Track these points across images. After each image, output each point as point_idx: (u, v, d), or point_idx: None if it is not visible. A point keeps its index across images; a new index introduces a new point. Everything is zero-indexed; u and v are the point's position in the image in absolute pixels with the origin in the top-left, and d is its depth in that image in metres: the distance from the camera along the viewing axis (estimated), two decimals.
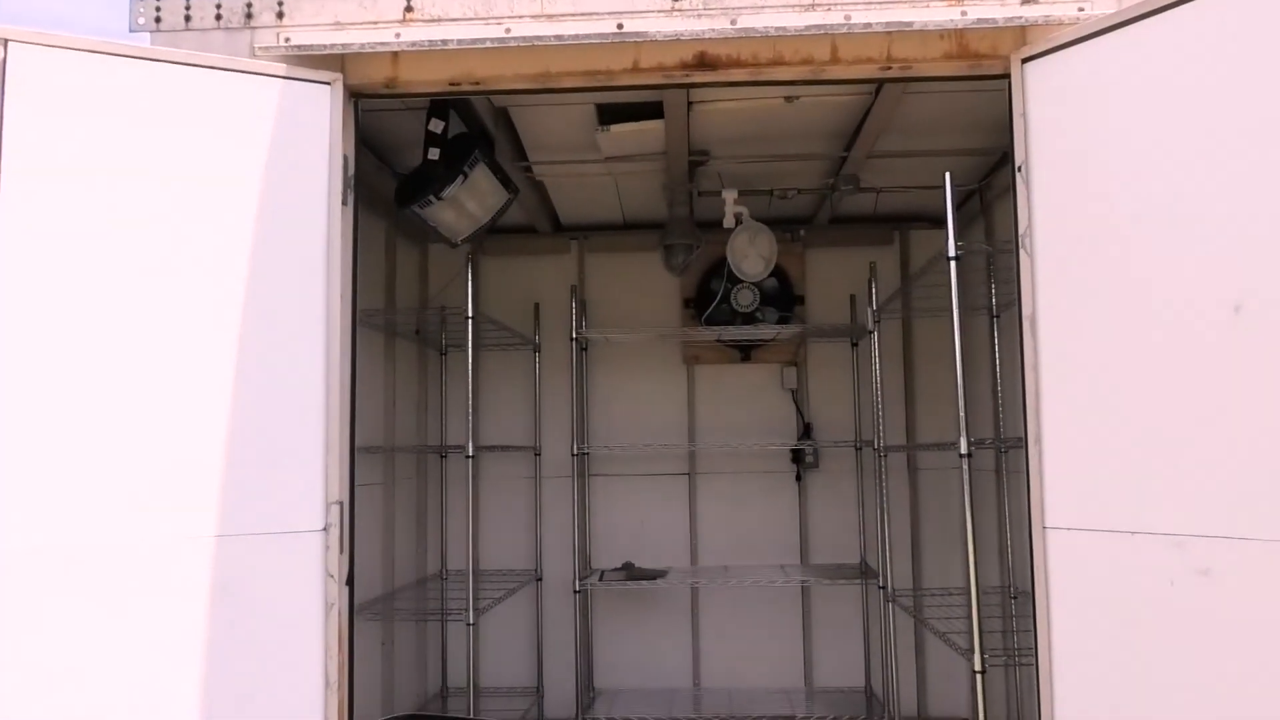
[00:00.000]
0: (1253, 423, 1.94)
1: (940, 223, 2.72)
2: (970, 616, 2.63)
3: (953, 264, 2.68)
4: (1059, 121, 2.25)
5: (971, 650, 2.62)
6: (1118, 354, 2.13)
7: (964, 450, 2.66)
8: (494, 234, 4.56)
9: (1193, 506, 2.03)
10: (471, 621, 3.37)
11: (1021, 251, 2.30)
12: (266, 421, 2.26)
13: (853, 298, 4.44)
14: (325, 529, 2.34)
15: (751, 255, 3.92)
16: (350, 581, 2.41)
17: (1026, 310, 2.29)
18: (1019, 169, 2.32)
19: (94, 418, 2.05)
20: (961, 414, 2.68)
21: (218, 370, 2.20)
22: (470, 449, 3.44)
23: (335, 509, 2.36)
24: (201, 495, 2.17)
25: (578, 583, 3.99)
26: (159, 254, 2.15)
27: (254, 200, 2.27)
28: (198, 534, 2.15)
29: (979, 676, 2.61)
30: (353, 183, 2.45)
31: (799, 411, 4.52)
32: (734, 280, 4.34)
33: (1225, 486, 1.99)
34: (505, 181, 3.23)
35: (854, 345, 4.45)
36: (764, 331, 4.21)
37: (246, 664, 2.20)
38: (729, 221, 3.90)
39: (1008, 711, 3.82)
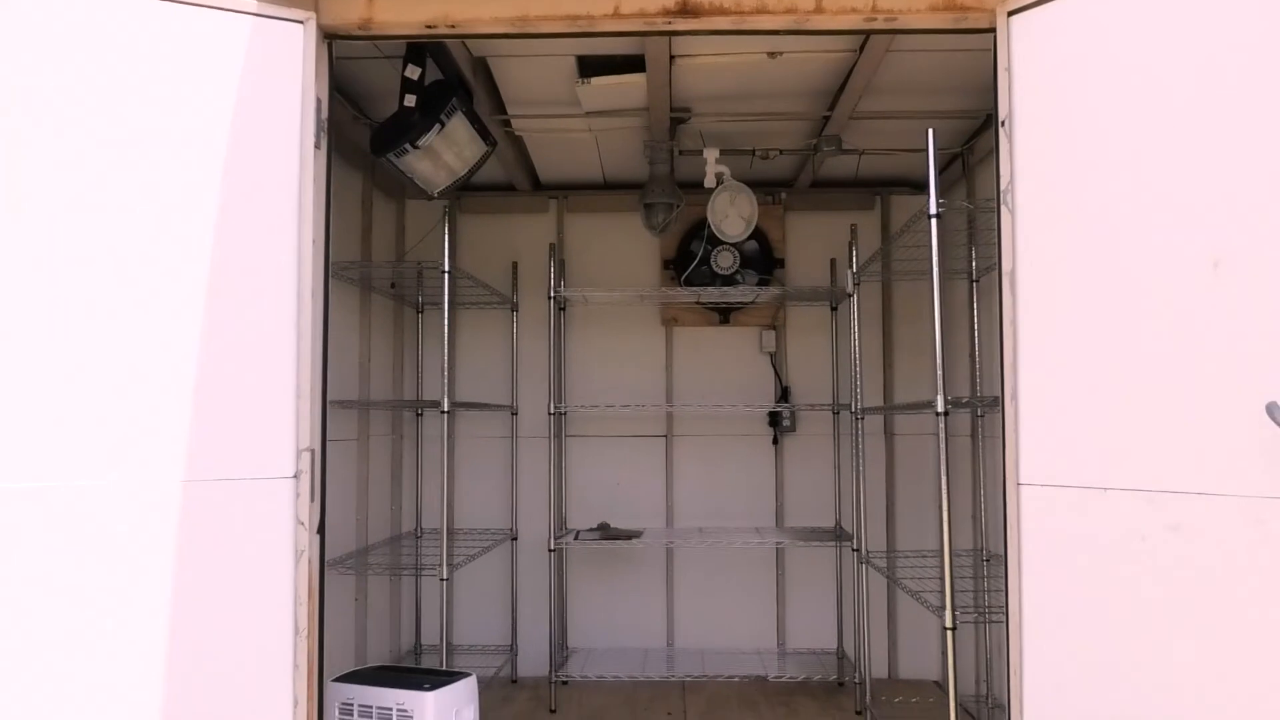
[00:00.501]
0: (1227, 378, 1.94)
1: (922, 187, 2.71)
2: (943, 575, 2.64)
3: (933, 221, 2.67)
4: (1043, 75, 2.23)
5: (943, 608, 2.64)
6: (1096, 309, 2.12)
7: (940, 408, 2.65)
8: (472, 191, 4.53)
9: (1166, 462, 2.04)
10: (445, 576, 3.35)
11: (1003, 207, 2.29)
12: (235, 367, 2.23)
13: (833, 262, 4.43)
14: (296, 476, 2.31)
15: (732, 216, 3.89)
16: (321, 530, 2.39)
17: (1006, 266, 2.28)
18: (1001, 124, 2.30)
19: (54, 361, 2.01)
20: (939, 371, 2.67)
21: (184, 315, 2.16)
22: (446, 404, 3.42)
23: (306, 456, 2.33)
24: (168, 440, 2.13)
25: (553, 541, 3.99)
26: (121, 197, 2.10)
27: (222, 142, 2.22)
28: (164, 479, 2.12)
29: (949, 633, 2.62)
30: (326, 126, 2.40)
31: (777, 375, 4.52)
32: (714, 242, 4.31)
33: (1198, 442, 1.99)
34: (483, 133, 3.19)
35: (833, 309, 4.44)
36: (743, 293, 4.19)
37: (213, 611, 2.17)
38: (710, 181, 3.87)
39: (977, 673, 3.85)
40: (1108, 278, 2.11)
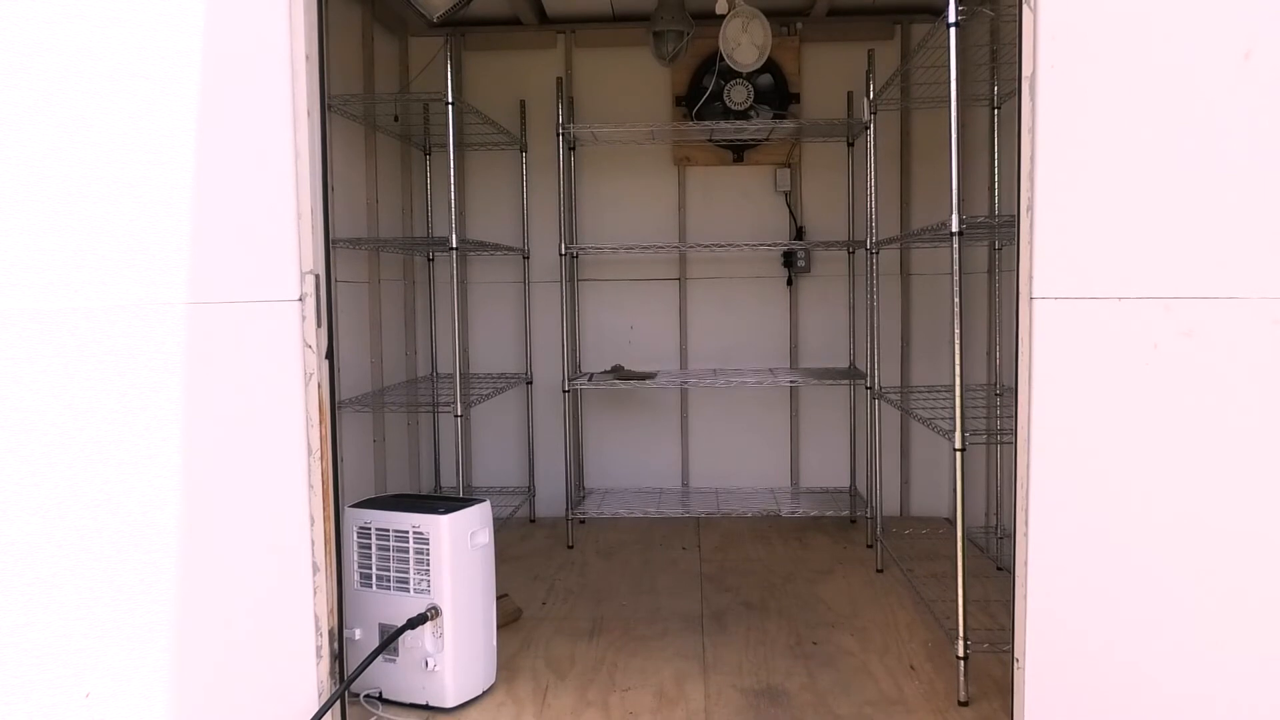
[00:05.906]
0: (1252, 176, 1.87)
1: (942, 12, 2.56)
2: (954, 394, 2.63)
3: (953, 31, 2.54)
4: None
5: (953, 430, 2.64)
6: (1116, 110, 2.04)
7: (955, 228, 2.59)
8: (476, 25, 4.37)
9: (1183, 268, 1.99)
10: (460, 413, 3.38)
11: (1025, 7, 2.17)
12: (233, 189, 2.19)
13: (850, 94, 4.28)
14: (301, 299, 2.30)
15: (744, 43, 3.75)
16: (330, 357, 2.39)
17: (1026, 70, 2.18)
18: None
19: (50, 182, 1.97)
20: (954, 189, 2.60)
21: (175, 132, 2.11)
22: (454, 240, 3.38)
23: (310, 279, 2.31)
24: (167, 261, 2.11)
25: (567, 383, 4.01)
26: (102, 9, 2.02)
27: None
28: (168, 300, 2.11)
29: (959, 455, 2.62)
30: None
31: (792, 215, 4.43)
32: (727, 77, 4.17)
33: (1217, 245, 1.94)
34: None
35: (849, 145, 4.32)
36: (757, 128, 4.07)
37: (227, 432, 2.19)
38: (721, 7, 3.71)
39: (987, 507, 3.90)
40: (1132, 76, 2.01)
